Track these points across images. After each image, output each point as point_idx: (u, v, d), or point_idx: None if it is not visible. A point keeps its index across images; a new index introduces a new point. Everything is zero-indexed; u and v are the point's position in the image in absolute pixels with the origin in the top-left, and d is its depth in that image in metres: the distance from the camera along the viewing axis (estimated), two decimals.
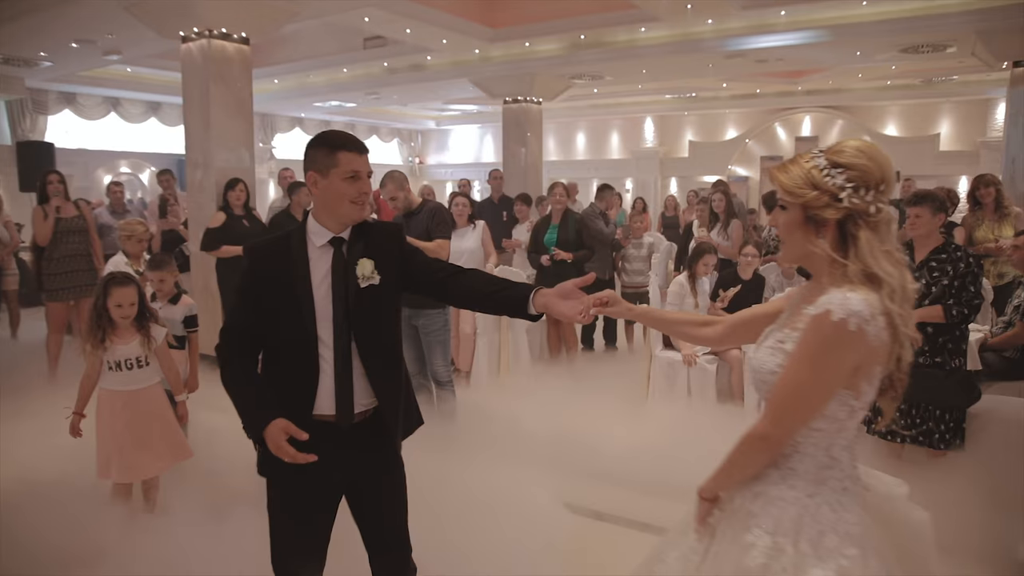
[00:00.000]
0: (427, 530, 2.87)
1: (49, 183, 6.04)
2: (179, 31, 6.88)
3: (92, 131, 13.28)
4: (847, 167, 1.60)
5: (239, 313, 2.24)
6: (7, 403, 5.09)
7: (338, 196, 2.12)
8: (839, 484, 1.65)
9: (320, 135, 2.21)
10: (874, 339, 1.56)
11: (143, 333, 3.44)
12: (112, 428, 3.37)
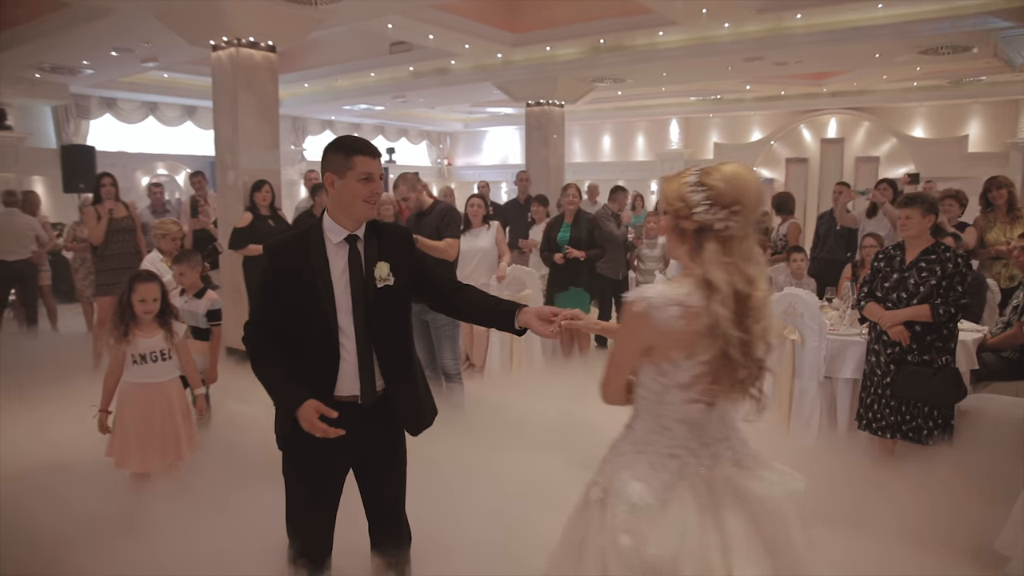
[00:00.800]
0: (434, 504, 3.10)
1: (102, 185, 6.46)
2: (209, 40, 7.21)
3: (131, 134, 13.75)
4: (708, 187, 1.82)
5: (263, 308, 2.42)
6: (50, 391, 5.45)
7: (353, 196, 2.34)
8: (667, 451, 1.91)
9: (336, 140, 2.43)
10: (662, 324, 1.79)
11: (165, 328, 3.63)
12: (132, 420, 3.56)
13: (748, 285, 1.82)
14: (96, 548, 2.91)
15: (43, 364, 6.35)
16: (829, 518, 3.48)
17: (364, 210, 2.37)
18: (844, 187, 7.27)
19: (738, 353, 1.83)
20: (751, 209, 1.84)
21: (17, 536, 2.96)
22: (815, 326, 4.52)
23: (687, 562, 1.77)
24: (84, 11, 7.70)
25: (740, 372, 1.87)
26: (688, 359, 1.84)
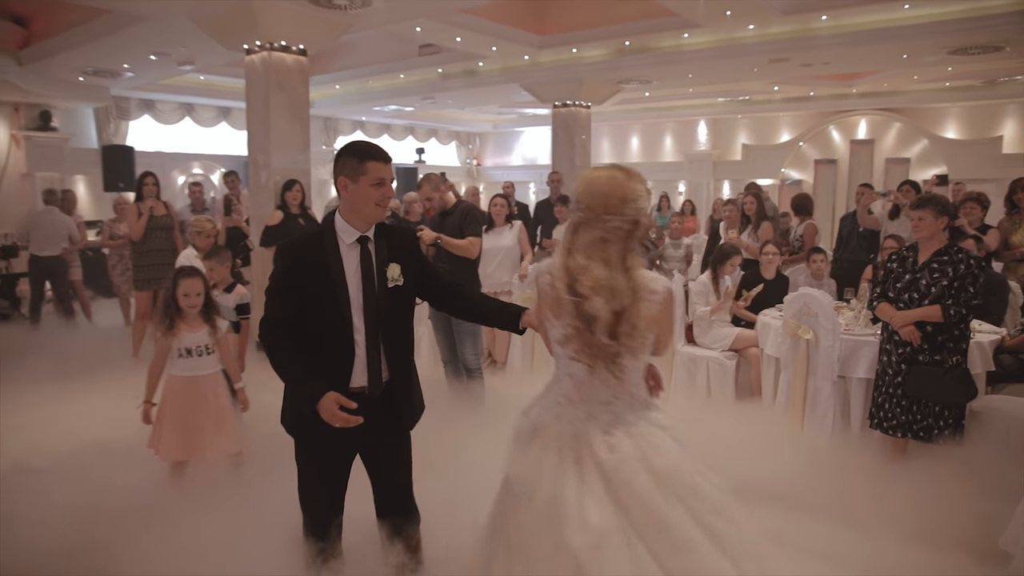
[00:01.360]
0: (453, 491, 3.24)
1: (145, 184, 6.74)
2: (243, 44, 7.45)
3: (168, 135, 14.13)
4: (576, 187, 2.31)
5: (280, 305, 2.53)
6: (89, 380, 5.72)
7: (366, 199, 2.50)
8: (556, 397, 2.30)
9: (350, 146, 2.57)
10: (540, 288, 2.30)
11: (209, 323, 3.78)
12: (175, 411, 3.71)
13: (578, 268, 2.19)
14: (125, 528, 3.07)
15: (82, 355, 6.64)
16: (839, 514, 3.57)
17: (375, 213, 2.53)
18: (866, 188, 7.27)
19: (589, 327, 2.17)
20: (591, 208, 2.22)
21: (51, 516, 3.12)
22: (829, 326, 4.57)
23: (541, 487, 2.15)
24: (125, 17, 8.00)
25: (600, 345, 2.18)
26: (558, 319, 2.23)
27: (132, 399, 3.86)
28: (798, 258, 6.68)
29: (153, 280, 6.70)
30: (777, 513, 3.61)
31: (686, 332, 5.77)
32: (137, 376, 5.63)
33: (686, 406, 5.41)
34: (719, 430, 4.77)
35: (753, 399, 5.35)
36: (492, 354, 6.89)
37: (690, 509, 2.15)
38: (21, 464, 3.97)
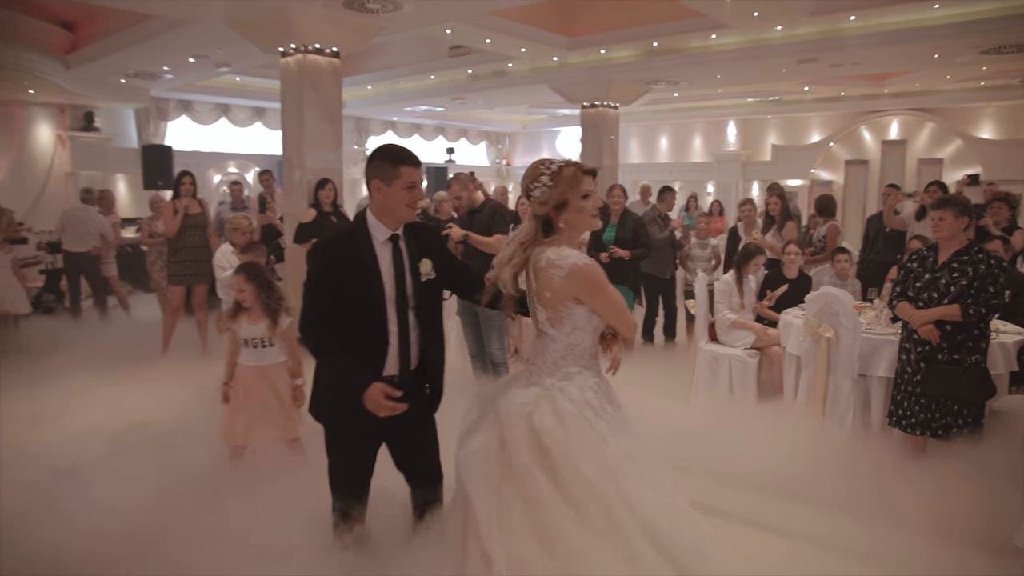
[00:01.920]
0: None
1: (182, 183, 6.95)
2: (279, 47, 7.67)
3: (205, 135, 14.49)
4: None
5: (320, 300, 2.67)
6: (127, 370, 5.98)
7: (398, 201, 2.65)
8: None
9: (383, 150, 2.70)
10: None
11: (271, 317, 3.91)
12: (240, 397, 3.91)
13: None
14: (176, 507, 3.23)
15: (123, 347, 6.92)
16: (855, 509, 3.64)
17: (406, 213, 2.69)
18: (893, 189, 7.27)
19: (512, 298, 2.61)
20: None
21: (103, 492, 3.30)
22: (850, 325, 4.62)
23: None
24: (166, 22, 8.28)
25: (534, 315, 2.58)
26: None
27: (166, 388, 4.07)
28: (822, 258, 6.70)
29: (186, 276, 6.91)
30: (793, 507, 3.71)
31: (709, 330, 5.84)
32: (170, 367, 5.93)
33: (708, 403, 5.54)
34: (741, 426, 4.88)
35: (775, 397, 5.41)
36: (518, 349, 7.02)
37: (551, 466, 2.37)
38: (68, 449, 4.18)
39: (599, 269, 2.51)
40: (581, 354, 2.55)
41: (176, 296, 6.92)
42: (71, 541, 2.74)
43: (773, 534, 3.51)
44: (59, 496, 3.07)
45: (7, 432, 4.40)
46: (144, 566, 2.64)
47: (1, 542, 2.77)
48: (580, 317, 2.52)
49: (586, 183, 2.51)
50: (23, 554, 2.70)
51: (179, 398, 4.95)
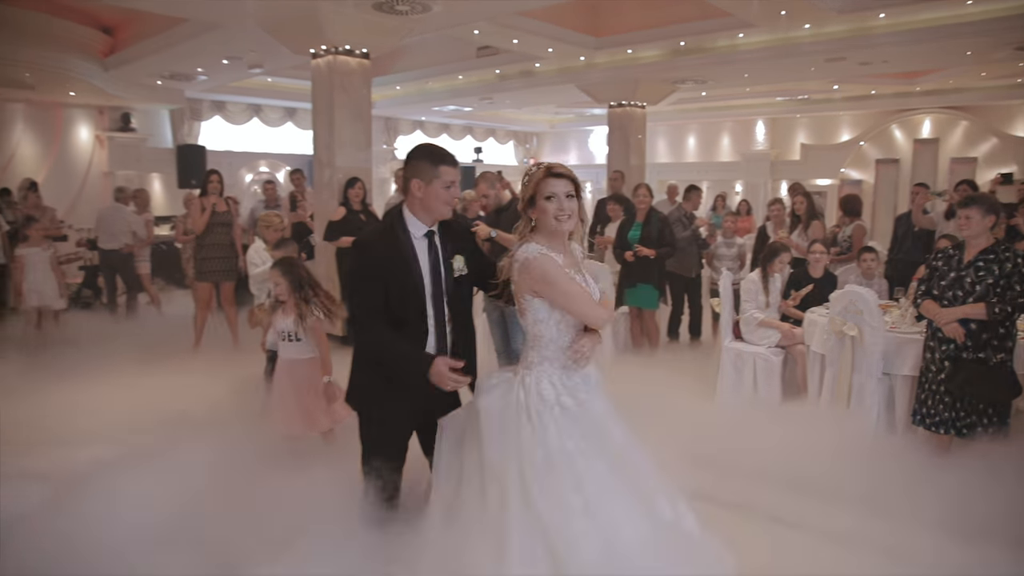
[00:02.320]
0: None
1: (210, 181, 7.08)
2: (310, 48, 7.83)
3: (237, 134, 14.77)
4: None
5: (371, 295, 2.73)
6: (162, 363, 6.16)
7: (437, 200, 2.75)
8: None
9: (423, 149, 2.79)
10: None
11: (298, 312, 4.02)
12: (276, 388, 4.07)
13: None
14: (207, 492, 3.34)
15: (158, 341, 7.13)
16: (880, 507, 3.65)
17: (444, 211, 2.79)
18: (921, 188, 7.21)
19: None
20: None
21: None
22: (874, 323, 4.62)
23: None
24: (200, 25, 8.50)
25: None
26: None
27: (200, 380, 4.21)
28: (847, 258, 6.68)
29: (213, 272, 7.03)
30: (817, 504, 3.73)
31: (733, 329, 5.85)
32: (203, 361, 6.10)
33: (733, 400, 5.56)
34: (764, 423, 4.90)
35: (799, 395, 5.42)
36: None
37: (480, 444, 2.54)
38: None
39: (549, 262, 2.56)
40: (546, 345, 2.62)
41: (204, 292, 7.06)
42: (119, 528, 2.86)
43: (797, 530, 3.53)
44: (104, 484, 3.19)
45: (51, 421, 4.59)
46: (186, 547, 2.75)
47: (49, 528, 2.90)
48: (540, 309, 2.61)
49: (550, 185, 2.61)
50: (70, 539, 2.81)
51: (212, 390, 5.10)
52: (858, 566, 3.26)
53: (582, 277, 2.69)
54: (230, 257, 7.09)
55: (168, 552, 2.67)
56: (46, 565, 2.66)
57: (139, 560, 2.63)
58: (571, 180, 2.66)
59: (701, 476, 3.82)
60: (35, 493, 3.18)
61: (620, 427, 2.65)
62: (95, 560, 2.63)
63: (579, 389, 2.61)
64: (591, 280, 2.74)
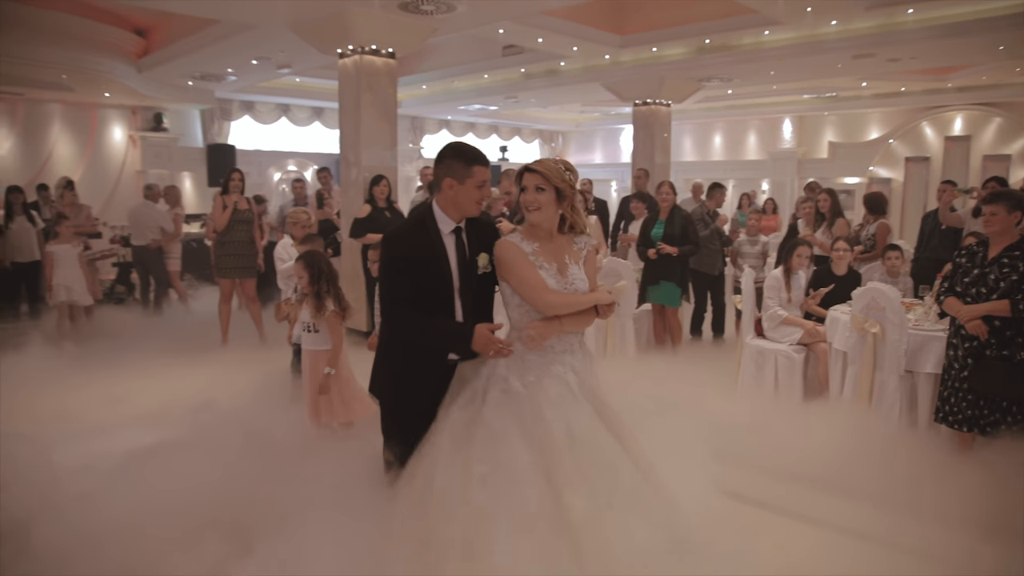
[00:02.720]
0: None
1: (232, 179, 7.17)
2: (337, 48, 7.95)
3: (266, 134, 15.00)
4: (571, 171, 2.80)
5: (401, 287, 2.80)
6: (192, 357, 6.32)
7: (469, 199, 2.83)
8: None
9: (456, 149, 2.85)
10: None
11: (316, 304, 4.12)
12: (305, 378, 4.22)
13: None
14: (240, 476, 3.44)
15: (189, 335, 7.31)
16: (902, 505, 3.64)
17: (474, 209, 2.87)
18: (948, 186, 7.13)
19: None
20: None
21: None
22: (896, 320, 4.60)
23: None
24: (231, 26, 8.67)
25: None
26: None
27: (229, 372, 4.32)
28: (872, 256, 6.63)
29: (233, 269, 7.15)
30: (837, 501, 3.73)
31: (755, 326, 5.85)
32: (232, 354, 6.24)
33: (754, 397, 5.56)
34: (784, 420, 4.90)
35: (821, 393, 5.40)
36: None
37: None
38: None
39: (511, 248, 2.76)
40: (513, 327, 2.80)
41: (225, 288, 7.19)
42: (156, 512, 2.96)
43: (818, 528, 3.53)
44: (141, 471, 3.29)
45: (90, 412, 4.74)
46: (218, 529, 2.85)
47: (89, 513, 3.00)
48: (507, 293, 2.80)
49: (524, 179, 2.81)
50: (108, 524, 2.91)
51: (239, 382, 5.22)
52: (881, 564, 3.26)
53: (556, 267, 2.77)
54: (250, 254, 7.22)
55: (195, 531, 2.77)
56: (84, 547, 2.76)
57: (170, 538, 2.73)
58: (541, 175, 2.75)
59: (720, 472, 3.79)
60: (74, 478, 3.29)
61: (577, 415, 2.67)
62: (125, 541, 2.73)
63: (530, 372, 2.72)
64: (578, 272, 2.81)
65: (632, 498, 2.58)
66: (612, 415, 2.77)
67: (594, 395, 2.78)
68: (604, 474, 2.59)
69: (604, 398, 2.81)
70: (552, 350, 2.77)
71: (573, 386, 2.72)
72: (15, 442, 3.54)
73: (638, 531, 2.50)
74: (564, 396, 2.69)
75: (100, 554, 2.71)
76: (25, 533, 2.86)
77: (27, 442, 3.60)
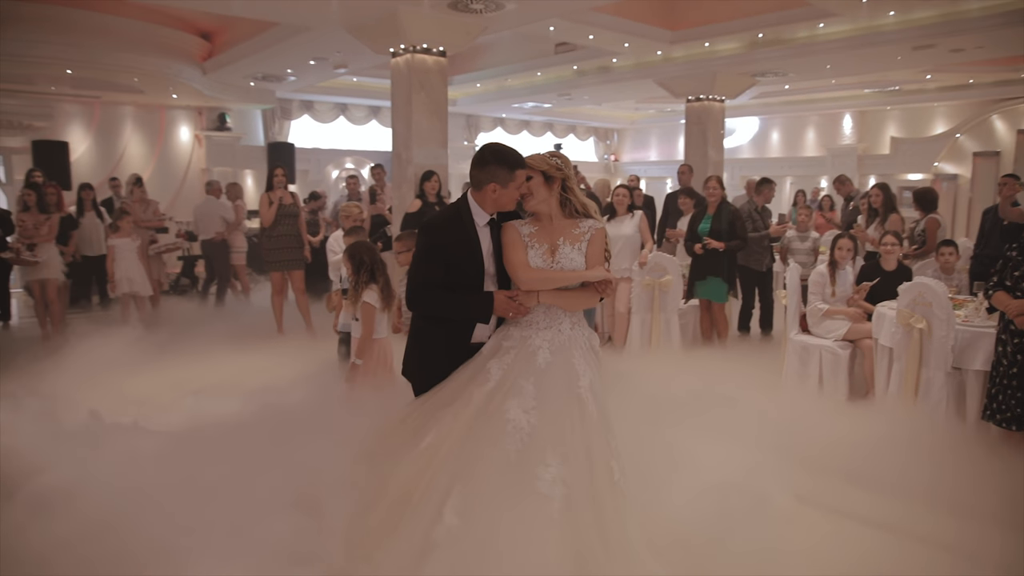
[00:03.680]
0: None
1: (275, 176, 7.42)
2: (389, 48, 8.15)
3: (324, 132, 15.41)
4: (558, 158, 3.01)
5: (430, 272, 2.96)
6: (251, 344, 6.60)
7: (510, 200, 2.99)
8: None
9: (496, 154, 2.95)
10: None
11: (352, 294, 4.32)
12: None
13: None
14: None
15: (247, 325, 7.64)
16: (948, 503, 3.57)
17: (513, 207, 3.04)
18: (1011, 179, 6.89)
19: None
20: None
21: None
22: (943, 315, 4.51)
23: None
24: (289, 29, 8.99)
25: None
26: None
27: (285, 359, 4.52)
28: (923, 251, 6.48)
29: (281, 262, 7.39)
30: (880, 498, 3.66)
31: (800, 321, 5.79)
32: (288, 343, 6.49)
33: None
34: (829, 416, 4.83)
35: (866, 390, 5.32)
36: (612, 338, 7.18)
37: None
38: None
39: (508, 229, 3.00)
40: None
41: (276, 280, 7.46)
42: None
43: (864, 526, 3.46)
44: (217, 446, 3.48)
45: (160, 394, 5.03)
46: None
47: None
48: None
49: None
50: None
51: (296, 367, 5.46)
52: (926, 564, 3.20)
53: (547, 247, 2.94)
54: (297, 247, 7.45)
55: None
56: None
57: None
58: (528, 165, 2.97)
59: (762, 472, 3.78)
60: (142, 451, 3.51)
61: (552, 382, 2.82)
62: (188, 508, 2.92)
63: (512, 336, 2.94)
64: (571, 253, 2.95)
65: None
66: (560, 406, 2.79)
67: (555, 382, 2.82)
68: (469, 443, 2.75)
69: (570, 388, 2.84)
70: (535, 325, 2.93)
71: (539, 360, 2.85)
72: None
73: None
74: (517, 361, 2.86)
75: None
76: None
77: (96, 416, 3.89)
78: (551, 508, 2.57)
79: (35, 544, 2.82)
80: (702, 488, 3.42)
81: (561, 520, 2.56)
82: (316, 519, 2.84)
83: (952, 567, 3.15)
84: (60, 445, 3.53)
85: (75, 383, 5.10)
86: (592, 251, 2.97)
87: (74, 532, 2.83)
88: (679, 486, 3.41)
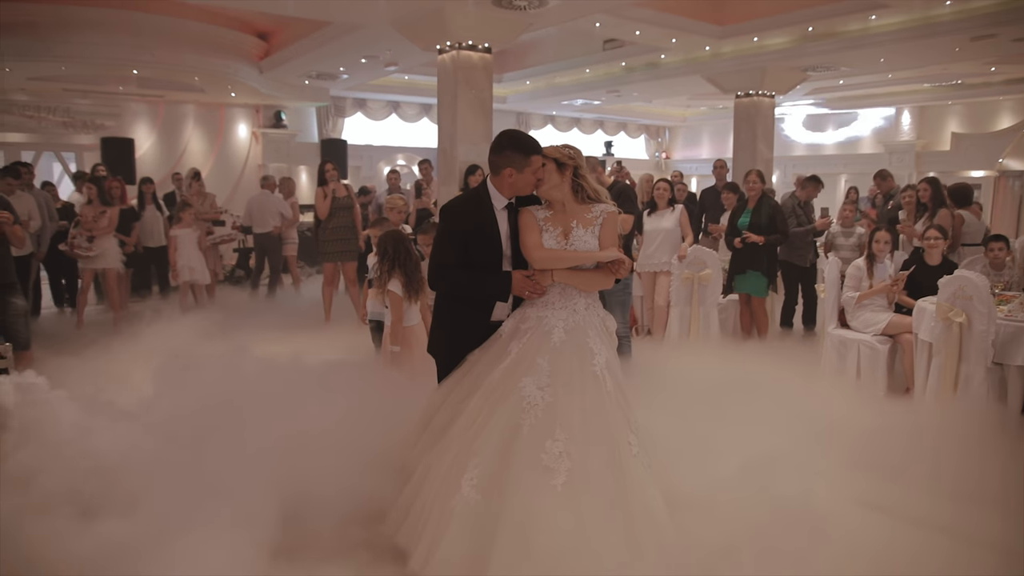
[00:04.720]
0: None
1: (327, 171, 7.69)
2: (435, 45, 8.33)
3: (377, 129, 15.73)
4: (570, 147, 3.12)
5: (449, 253, 3.11)
6: (299, 332, 6.84)
7: (527, 184, 3.11)
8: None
9: (512, 140, 3.07)
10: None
11: (378, 283, 4.48)
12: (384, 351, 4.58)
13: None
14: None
15: (297, 315, 7.91)
16: (988, 501, 3.51)
17: (530, 191, 3.15)
18: None
19: None
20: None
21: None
22: (984, 309, 4.43)
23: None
24: (341, 28, 9.26)
25: None
26: None
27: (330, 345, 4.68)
28: (950, 246, 6.29)
29: (336, 253, 7.62)
30: (917, 494, 3.60)
31: (839, 315, 5.73)
32: (334, 332, 6.70)
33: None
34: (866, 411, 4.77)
35: (905, 385, 5.24)
36: (651, 331, 7.20)
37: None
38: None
39: (525, 213, 3.12)
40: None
41: (328, 271, 7.70)
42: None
43: (902, 521, 3.40)
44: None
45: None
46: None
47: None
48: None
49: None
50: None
51: (336, 352, 5.64)
52: (965, 561, 3.14)
53: (560, 230, 3.06)
54: (351, 239, 7.68)
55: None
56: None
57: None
58: (545, 156, 3.09)
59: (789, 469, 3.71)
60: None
61: (566, 359, 2.92)
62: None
63: (529, 317, 3.04)
64: (585, 236, 3.05)
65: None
66: (574, 383, 2.87)
67: (569, 360, 2.91)
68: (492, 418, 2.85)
69: (584, 366, 2.92)
70: (551, 305, 3.02)
71: (554, 338, 2.94)
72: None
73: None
74: (532, 339, 2.97)
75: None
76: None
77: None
78: (555, 481, 2.66)
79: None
80: (727, 472, 3.48)
81: (564, 493, 2.65)
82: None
83: (996, 566, 3.07)
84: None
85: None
86: (605, 233, 3.07)
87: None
88: (703, 468, 3.46)
